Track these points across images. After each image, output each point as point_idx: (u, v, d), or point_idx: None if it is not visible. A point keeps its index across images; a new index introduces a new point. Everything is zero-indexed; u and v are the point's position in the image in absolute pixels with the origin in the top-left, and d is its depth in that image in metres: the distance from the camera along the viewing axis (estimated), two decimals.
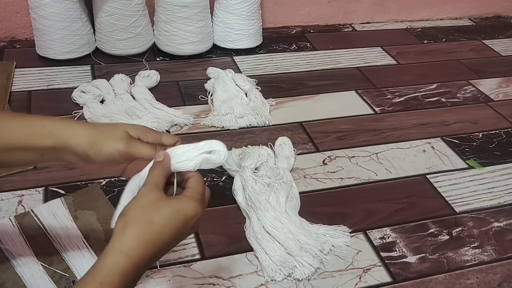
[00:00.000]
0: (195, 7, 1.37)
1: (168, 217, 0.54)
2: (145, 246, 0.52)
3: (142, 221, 0.53)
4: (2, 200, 0.92)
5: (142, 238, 0.52)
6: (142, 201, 0.54)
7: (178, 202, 0.56)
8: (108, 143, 0.58)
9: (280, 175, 0.97)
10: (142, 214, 0.53)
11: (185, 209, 0.55)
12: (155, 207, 0.54)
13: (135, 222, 0.53)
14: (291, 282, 0.81)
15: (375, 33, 1.75)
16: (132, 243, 0.52)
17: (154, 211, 0.54)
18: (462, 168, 1.10)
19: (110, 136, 0.58)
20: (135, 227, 0.53)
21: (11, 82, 1.27)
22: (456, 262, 0.87)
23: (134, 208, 0.54)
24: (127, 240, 0.52)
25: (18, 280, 0.76)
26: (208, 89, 1.30)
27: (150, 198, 0.55)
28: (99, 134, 0.58)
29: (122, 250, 0.51)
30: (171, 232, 0.54)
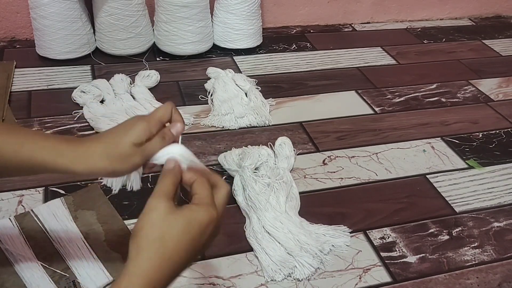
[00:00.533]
0: (195, 7, 1.37)
1: (181, 230, 0.51)
2: (160, 265, 0.50)
3: (155, 241, 0.51)
4: (2, 200, 0.92)
5: (156, 259, 0.50)
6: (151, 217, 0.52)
7: (189, 212, 0.53)
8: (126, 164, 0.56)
9: (280, 175, 0.97)
10: (154, 232, 0.51)
11: (197, 218, 0.52)
12: (166, 222, 0.52)
13: (147, 244, 0.51)
14: (291, 282, 0.81)
15: (375, 33, 1.75)
16: (147, 265, 0.50)
17: (165, 227, 0.51)
18: (462, 168, 1.10)
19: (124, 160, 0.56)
20: (148, 249, 0.51)
21: (11, 82, 1.27)
22: (456, 262, 0.87)
23: (144, 227, 0.52)
24: (142, 263, 0.50)
25: (18, 280, 0.76)
26: (208, 89, 1.30)
27: (159, 213, 0.52)
28: (113, 163, 0.56)
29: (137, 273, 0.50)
30: (187, 245, 0.52)
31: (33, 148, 0.57)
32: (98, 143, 0.57)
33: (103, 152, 0.56)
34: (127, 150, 0.56)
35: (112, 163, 0.56)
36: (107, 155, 0.56)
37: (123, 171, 0.57)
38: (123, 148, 0.56)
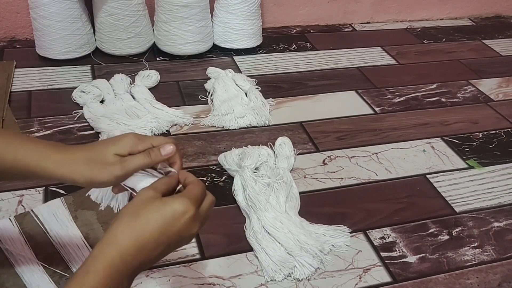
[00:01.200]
0: (195, 7, 1.37)
1: (154, 210, 0.54)
2: (129, 236, 0.52)
3: (129, 214, 0.53)
4: (2, 200, 0.92)
5: (127, 230, 0.53)
6: (135, 199, 0.55)
7: (168, 198, 0.55)
8: (105, 175, 0.57)
9: (280, 175, 0.97)
10: (131, 209, 0.54)
11: (173, 204, 0.54)
12: (145, 203, 0.54)
13: (123, 216, 0.54)
14: (291, 282, 0.81)
15: (375, 33, 1.75)
16: (117, 233, 0.52)
17: (142, 206, 0.54)
18: (462, 168, 1.10)
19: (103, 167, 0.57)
20: (121, 220, 0.53)
21: (11, 82, 1.27)
22: (456, 262, 0.87)
23: (127, 205, 0.55)
24: (113, 231, 0.53)
25: (18, 280, 0.76)
26: (208, 89, 1.30)
27: (144, 196, 0.55)
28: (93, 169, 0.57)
29: (108, 240, 0.52)
30: (157, 225, 0.53)
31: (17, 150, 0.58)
32: (84, 151, 0.59)
33: (86, 157, 0.58)
34: (108, 158, 0.57)
35: (92, 169, 0.57)
36: (88, 160, 0.57)
37: (102, 180, 0.58)
38: (105, 155, 0.58)
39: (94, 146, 0.59)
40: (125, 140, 0.59)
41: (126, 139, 0.59)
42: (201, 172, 1.03)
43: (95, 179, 0.57)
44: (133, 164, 0.58)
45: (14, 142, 0.58)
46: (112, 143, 0.59)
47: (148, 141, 0.60)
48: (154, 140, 0.60)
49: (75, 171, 0.57)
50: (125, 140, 0.59)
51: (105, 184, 0.59)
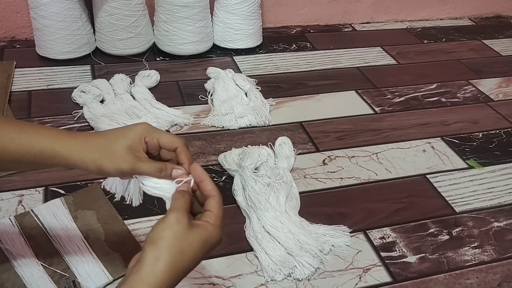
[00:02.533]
0: (195, 7, 1.37)
1: (198, 248, 0.54)
2: (174, 277, 0.52)
3: (175, 254, 0.53)
4: (2, 200, 0.92)
5: (173, 271, 0.52)
6: (174, 230, 0.54)
7: (207, 232, 0.55)
8: (113, 164, 0.57)
9: (280, 175, 0.97)
10: (175, 245, 0.53)
11: (213, 239, 0.56)
12: (186, 238, 0.54)
13: (168, 255, 0.52)
14: (291, 282, 0.81)
15: (375, 33, 1.75)
16: (164, 275, 0.52)
17: (185, 243, 0.53)
18: (462, 168, 1.10)
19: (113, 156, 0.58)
20: (167, 260, 0.52)
21: (11, 82, 1.27)
22: (456, 262, 0.87)
23: (165, 238, 0.53)
24: (159, 273, 0.51)
25: (18, 280, 0.76)
26: (208, 89, 1.30)
27: (181, 227, 0.54)
28: (103, 155, 0.58)
29: (154, 283, 0.51)
30: (198, 260, 0.55)
31: (31, 136, 0.58)
32: (96, 137, 0.59)
33: (98, 145, 0.58)
34: (118, 150, 0.58)
35: (102, 157, 0.58)
36: (100, 148, 0.58)
37: (110, 170, 0.58)
38: (116, 147, 0.58)
39: (106, 135, 0.60)
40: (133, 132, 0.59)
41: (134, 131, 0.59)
42: None
43: (103, 168, 0.58)
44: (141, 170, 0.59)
45: (28, 129, 0.59)
46: (123, 136, 0.59)
47: (156, 136, 0.60)
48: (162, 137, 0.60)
49: (87, 156, 0.58)
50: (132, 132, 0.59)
51: (111, 175, 0.60)
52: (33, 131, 0.58)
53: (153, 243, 0.53)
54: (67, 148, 0.58)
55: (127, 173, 0.58)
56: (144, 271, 0.51)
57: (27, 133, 0.58)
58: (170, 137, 0.61)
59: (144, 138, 0.59)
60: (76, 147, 0.58)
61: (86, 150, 0.58)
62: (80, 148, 0.58)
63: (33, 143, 0.58)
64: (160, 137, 0.60)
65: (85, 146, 0.58)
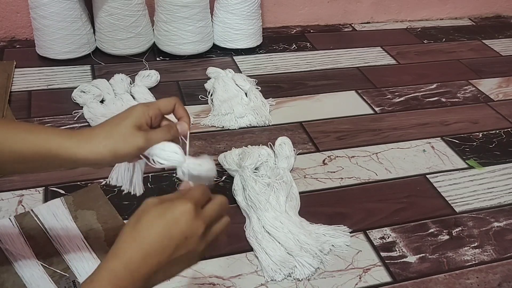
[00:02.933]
0: (195, 7, 1.37)
1: (154, 215, 0.53)
2: (132, 245, 0.52)
3: (131, 224, 0.54)
4: (2, 200, 0.92)
5: (129, 239, 0.53)
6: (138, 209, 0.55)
7: (167, 202, 0.54)
8: (128, 145, 0.59)
9: (280, 175, 0.97)
10: (133, 219, 0.54)
11: (171, 205, 0.54)
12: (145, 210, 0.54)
13: (126, 226, 0.54)
14: (291, 282, 0.81)
15: (375, 33, 1.75)
16: (120, 244, 0.53)
17: (143, 214, 0.54)
18: (462, 168, 1.10)
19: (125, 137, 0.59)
20: (124, 231, 0.53)
21: (11, 82, 1.27)
22: (456, 262, 0.87)
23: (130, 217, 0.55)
24: (116, 243, 0.53)
25: (18, 280, 0.76)
26: (208, 89, 1.30)
27: (145, 205, 0.55)
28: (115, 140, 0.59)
29: (112, 252, 0.52)
30: (159, 229, 0.52)
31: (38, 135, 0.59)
32: (101, 127, 0.60)
33: (106, 132, 0.59)
34: (128, 130, 0.59)
35: (115, 142, 0.59)
36: (110, 135, 0.59)
37: (126, 151, 0.59)
38: (124, 128, 0.59)
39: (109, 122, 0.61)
40: (135, 112, 0.61)
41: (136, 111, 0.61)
42: None
43: (120, 151, 0.58)
44: (155, 138, 0.60)
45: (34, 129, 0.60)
46: (125, 117, 0.60)
47: (155, 106, 0.63)
48: (160, 104, 0.63)
49: (99, 145, 0.58)
50: (135, 112, 0.61)
51: (129, 156, 0.60)
52: (39, 131, 0.59)
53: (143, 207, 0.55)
54: (76, 144, 0.58)
55: (143, 148, 0.60)
56: (111, 248, 0.53)
57: (34, 133, 0.59)
58: (165, 100, 0.64)
59: (148, 114, 0.61)
60: (83, 141, 0.59)
61: (96, 141, 0.59)
62: (87, 141, 0.59)
63: (41, 143, 0.58)
64: (158, 105, 0.63)
65: (92, 138, 0.59)
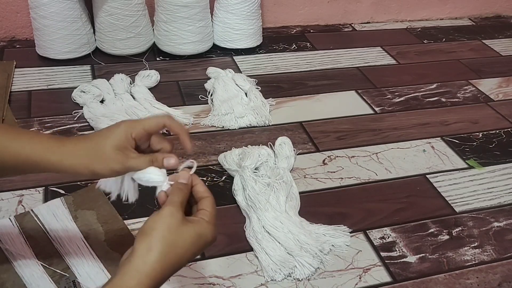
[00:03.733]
0: (195, 7, 1.37)
1: (191, 242, 0.55)
2: (167, 268, 0.53)
3: (167, 245, 0.53)
4: (2, 200, 0.92)
5: (165, 262, 0.53)
6: (168, 222, 0.54)
7: (200, 227, 0.56)
8: (105, 167, 0.58)
9: (280, 175, 0.97)
10: (167, 237, 0.54)
11: (207, 235, 0.57)
12: (179, 230, 0.54)
13: (160, 245, 0.53)
14: (291, 282, 0.81)
15: (375, 33, 1.75)
16: (156, 266, 0.52)
17: (178, 235, 0.54)
18: (462, 168, 1.10)
19: (103, 158, 0.58)
20: (159, 250, 0.53)
21: (11, 82, 1.27)
22: (456, 262, 0.87)
23: (158, 229, 0.54)
24: (151, 263, 0.52)
25: (18, 280, 0.76)
26: (208, 89, 1.30)
27: (175, 220, 0.55)
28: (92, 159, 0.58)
29: (146, 272, 0.51)
30: (191, 255, 0.56)
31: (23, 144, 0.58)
32: (85, 142, 0.59)
33: (86, 150, 0.58)
34: (107, 152, 0.58)
35: (92, 162, 0.58)
36: (88, 153, 0.58)
37: (103, 173, 0.58)
38: (104, 149, 0.58)
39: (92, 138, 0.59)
40: (117, 131, 0.59)
41: (118, 130, 0.59)
42: (201, 172, 1.03)
43: (97, 171, 0.58)
44: (134, 166, 0.59)
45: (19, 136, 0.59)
46: (107, 135, 0.59)
47: (140, 126, 0.59)
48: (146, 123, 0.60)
49: (78, 162, 0.58)
50: (117, 131, 0.59)
51: (105, 177, 0.60)
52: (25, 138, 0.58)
53: (145, 234, 0.54)
54: (58, 156, 0.58)
55: (120, 172, 0.59)
56: (136, 261, 0.52)
57: (19, 141, 0.58)
58: (153, 119, 0.61)
59: (130, 134, 0.59)
60: (66, 154, 0.58)
61: (77, 156, 0.58)
62: (70, 154, 0.58)
63: (24, 151, 0.58)
64: (143, 125, 0.59)
65: (74, 152, 0.58)
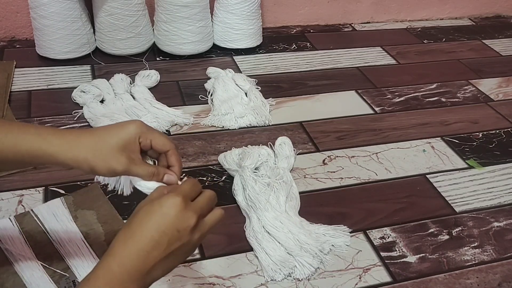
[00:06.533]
0: (195, 7, 1.37)
1: (144, 212, 0.54)
2: (125, 243, 0.52)
3: (125, 225, 0.54)
4: (2, 200, 0.92)
5: (122, 237, 0.53)
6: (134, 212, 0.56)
7: (155, 198, 0.55)
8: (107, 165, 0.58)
9: (280, 175, 0.97)
10: (127, 221, 0.55)
11: (160, 201, 0.54)
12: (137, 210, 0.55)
13: (121, 229, 0.54)
14: (291, 282, 0.81)
15: (375, 33, 1.75)
16: (114, 243, 0.53)
17: (135, 213, 0.55)
18: (462, 168, 1.10)
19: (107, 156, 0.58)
20: (119, 232, 0.54)
21: (11, 82, 1.27)
22: (456, 262, 0.87)
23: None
24: (112, 243, 0.53)
25: (18, 280, 0.76)
26: (208, 89, 1.30)
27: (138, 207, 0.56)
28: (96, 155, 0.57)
29: (107, 252, 0.53)
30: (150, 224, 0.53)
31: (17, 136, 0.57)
32: (89, 135, 0.59)
33: (91, 145, 0.58)
34: (113, 151, 0.58)
35: (95, 157, 0.57)
36: (93, 149, 0.58)
37: (102, 171, 0.58)
38: (108, 146, 0.58)
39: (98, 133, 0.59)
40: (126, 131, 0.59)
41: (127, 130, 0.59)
42: (201, 172, 1.03)
43: (96, 169, 0.58)
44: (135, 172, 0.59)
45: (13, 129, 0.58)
46: (116, 135, 0.59)
47: (149, 138, 0.60)
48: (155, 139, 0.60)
49: (79, 155, 0.57)
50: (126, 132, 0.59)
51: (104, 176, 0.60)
52: (19, 131, 0.58)
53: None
54: (56, 148, 0.57)
55: (119, 173, 0.59)
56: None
57: (12, 133, 0.58)
58: (163, 139, 0.61)
59: (138, 139, 0.59)
60: (65, 146, 0.57)
61: (78, 149, 0.57)
62: (70, 147, 0.57)
63: (19, 143, 0.57)
64: (153, 138, 0.60)
65: (76, 145, 0.58)
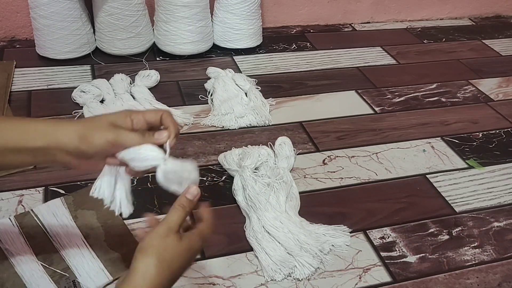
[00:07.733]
0: (195, 7, 1.37)
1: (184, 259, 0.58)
2: (166, 282, 0.56)
3: (165, 260, 0.56)
4: (2, 200, 0.92)
5: (162, 278, 0.56)
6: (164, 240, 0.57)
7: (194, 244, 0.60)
8: (98, 134, 0.58)
9: (280, 175, 0.97)
10: (164, 254, 0.57)
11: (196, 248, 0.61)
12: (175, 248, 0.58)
13: (158, 260, 0.56)
14: (291, 282, 0.81)
15: (375, 33, 1.75)
16: (155, 279, 0.55)
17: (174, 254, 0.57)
18: (462, 168, 1.10)
19: (98, 127, 0.59)
20: (158, 265, 0.55)
21: (11, 82, 1.27)
22: (456, 262, 0.87)
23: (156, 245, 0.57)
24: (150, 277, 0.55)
25: (18, 280, 0.76)
26: (208, 89, 1.30)
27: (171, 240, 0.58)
28: (87, 126, 0.59)
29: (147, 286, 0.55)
30: (184, 269, 0.60)
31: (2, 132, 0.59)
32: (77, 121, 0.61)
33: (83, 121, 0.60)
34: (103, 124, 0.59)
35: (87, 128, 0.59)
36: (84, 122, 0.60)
37: (95, 141, 0.58)
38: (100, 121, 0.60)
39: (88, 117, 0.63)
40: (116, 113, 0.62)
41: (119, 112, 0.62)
42: (201, 172, 1.03)
43: (88, 137, 0.58)
44: (126, 138, 0.59)
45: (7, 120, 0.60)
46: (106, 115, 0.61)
47: (140, 114, 0.62)
48: (146, 113, 0.62)
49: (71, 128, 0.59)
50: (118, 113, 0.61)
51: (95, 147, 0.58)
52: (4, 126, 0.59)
53: (144, 251, 0.56)
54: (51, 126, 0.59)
55: (112, 141, 0.58)
56: (137, 277, 0.54)
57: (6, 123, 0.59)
58: (153, 110, 0.64)
59: (129, 117, 0.61)
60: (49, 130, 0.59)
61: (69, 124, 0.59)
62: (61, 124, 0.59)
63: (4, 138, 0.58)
64: (144, 112, 0.62)
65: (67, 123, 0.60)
